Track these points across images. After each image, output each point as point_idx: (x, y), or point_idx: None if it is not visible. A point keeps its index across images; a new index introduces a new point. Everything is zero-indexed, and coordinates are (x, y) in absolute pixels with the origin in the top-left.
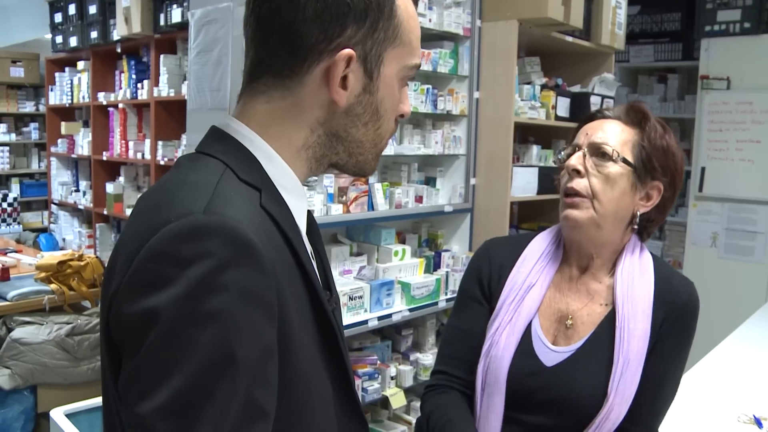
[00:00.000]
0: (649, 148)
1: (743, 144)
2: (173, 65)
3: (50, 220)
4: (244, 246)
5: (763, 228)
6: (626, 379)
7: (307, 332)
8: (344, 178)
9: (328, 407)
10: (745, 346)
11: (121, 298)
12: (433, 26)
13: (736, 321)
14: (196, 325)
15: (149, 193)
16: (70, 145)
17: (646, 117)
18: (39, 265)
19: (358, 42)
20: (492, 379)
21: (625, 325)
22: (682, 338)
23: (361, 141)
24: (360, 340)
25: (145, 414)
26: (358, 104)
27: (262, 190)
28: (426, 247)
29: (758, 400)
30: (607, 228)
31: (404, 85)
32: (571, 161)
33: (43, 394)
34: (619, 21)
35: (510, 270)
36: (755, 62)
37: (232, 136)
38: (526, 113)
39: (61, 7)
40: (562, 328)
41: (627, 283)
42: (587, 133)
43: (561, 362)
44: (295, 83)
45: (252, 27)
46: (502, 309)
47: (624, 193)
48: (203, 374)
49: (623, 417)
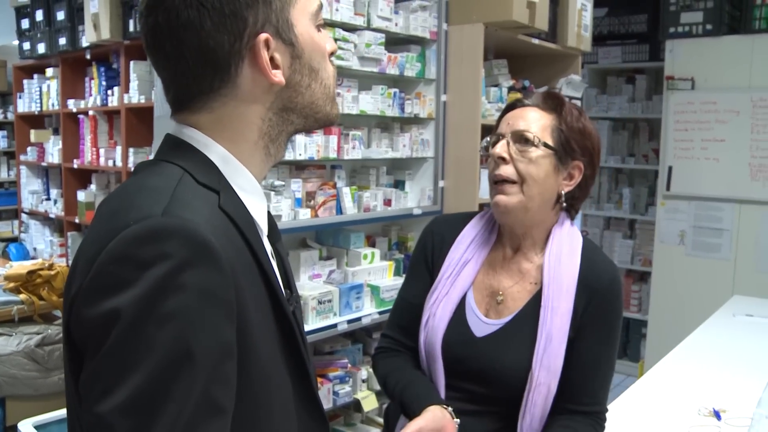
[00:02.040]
0: (567, 131)
1: (708, 143)
2: (143, 72)
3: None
4: (202, 247)
5: (728, 225)
6: (549, 353)
7: (267, 331)
8: (312, 182)
9: (289, 405)
10: (709, 340)
11: (82, 300)
12: (399, 30)
13: (703, 316)
14: (155, 325)
15: (109, 198)
16: (40, 153)
17: (561, 102)
18: (8, 276)
19: (264, 22)
20: (430, 348)
21: (549, 303)
22: (608, 319)
23: (312, 101)
24: (330, 344)
25: (104, 413)
26: (294, 73)
27: (221, 192)
28: (396, 250)
29: (719, 393)
30: (534, 210)
31: (319, 30)
32: (496, 149)
33: (12, 406)
34: (585, 23)
35: (450, 245)
36: (718, 63)
37: (187, 143)
38: (493, 115)
39: (28, 14)
40: (494, 303)
41: (554, 264)
42: (509, 122)
43: (490, 334)
44: (230, 89)
45: (163, 67)
46: (440, 284)
47: (548, 175)
48: (161, 372)
49: (560, 395)
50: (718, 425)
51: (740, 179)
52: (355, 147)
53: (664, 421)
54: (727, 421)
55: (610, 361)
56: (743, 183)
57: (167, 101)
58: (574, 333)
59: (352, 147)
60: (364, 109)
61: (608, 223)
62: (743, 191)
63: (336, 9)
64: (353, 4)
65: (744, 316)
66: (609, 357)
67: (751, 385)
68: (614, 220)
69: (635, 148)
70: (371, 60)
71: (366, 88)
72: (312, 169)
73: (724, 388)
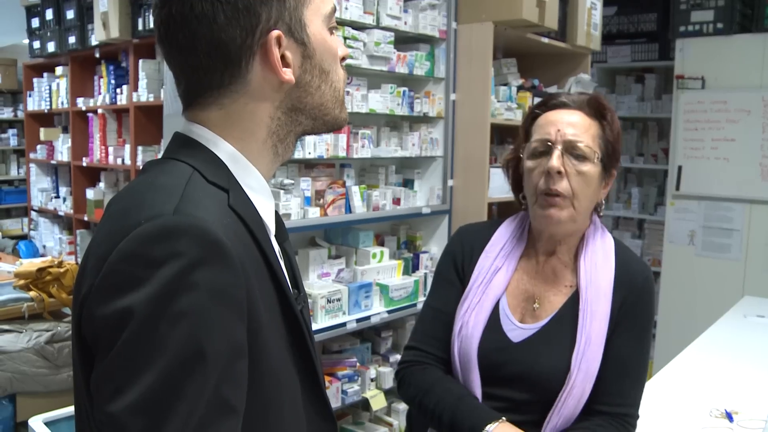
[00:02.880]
0: (612, 140)
1: (718, 143)
2: (152, 70)
3: (30, 227)
4: (213, 245)
5: (738, 225)
6: (588, 357)
7: (275, 330)
8: (321, 181)
9: (298, 404)
10: (720, 341)
11: (93, 300)
12: (408, 29)
13: (713, 317)
14: (167, 324)
15: (118, 197)
16: (50, 151)
17: (606, 109)
18: (18, 273)
19: (277, 19)
20: (465, 358)
21: (587, 307)
22: (641, 320)
23: (321, 103)
24: (339, 343)
25: (116, 412)
26: (305, 73)
27: (230, 191)
28: (405, 249)
29: (731, 394)
30: (580, 221)
31: (332, 33)
32: (553, 163)
33: (23, 402)
34: (595, 22)
35: (480, 253)
36: (728, 62)
37: (196, 141)
38: (502, 114)
39: (38, 12)
40: (530, 308)
41: (590, 268)
42: (558, 128)
43: (526, 338)
44: (240, 85)
45: (175, 60)
46: (471, 292)
47: (596, 188)
48: (173, 371)
49: (590, 396)
50: (730, 427)
51: (751, 179)
52: (364, 146)
53: (676, 422)
54: (740, 422)
55: (642, 362)
56: (754, 183)
57: (179, 95)
58: (609, 333)
59: (362, 146)
60: (374, 107)
61: (617, 222)
62: (754, 191)
63: (345, 7)
64: (363, 3)
65: (755, 317)
66: (640, 358)
67: (764, 386)
68: (623, 220)
69: (644, 147)
70: (380, 59)
71: (375, 87)
72: (321, 168)
73: (736, 390)
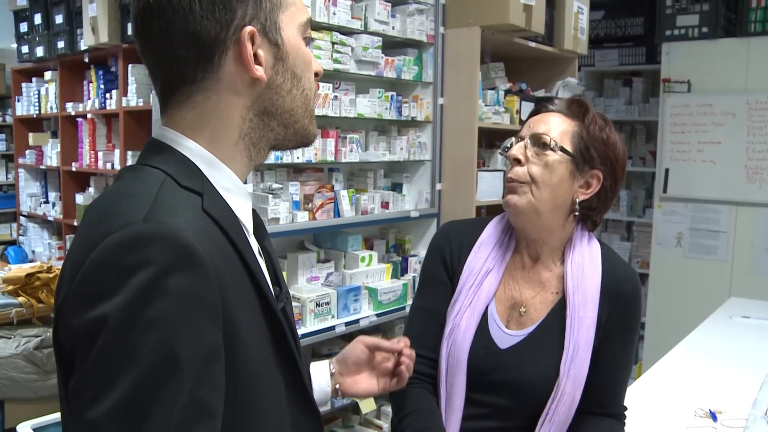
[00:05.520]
0: (588, 139)
1: (704, 145)
2: (141, 75)
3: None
4: (184, 251)
5: (725, 227)
6: (576, 364)
7: (256, 330)
8: (309, 185)
9: (280, 403)
10: (706, 342)
11: (68, 309)
12: (396, 33)
13: (700, 318)
14: (140, 331)
15: (93, 204)
16: (39, 156)
17: (586, 110)
18: (6, 278)
19: (252, 18)
20: (454, 360)
21: (575, 314)
22: (629, 326)
23: (292, 108)
24: (329, 346)
25: (93, 419)
26: (276, 74)
27: (204, 195)
28: (394, 252)
29: (715, 394)
30: (545, 214)
31: (307, 44)
32: (512, 151)
33: (11, 409)
34: (582, 26)
35: (469, 251)
36: (714, 65)
37: (169, 146)
38: (490, 118)
39: (26, 17)
40: (515, 314)
41: (577, 274)
42: (530, 125)
43: (514, 345)
44: (212, 81)
45: (150, 52)
46: (462, 293)
47: (562, 180)
48: (149, 377)
49: (581, 402)
50: (714, 426)
51: (737, 181)
52: (352, 150)
53: (661, 422)
54: (723, 422)
55: (629, 363)
56: (740, 185)
57: (156, 93)
58: (598, 341)
59: (350, 150)
60: (362, 112)
61: (606, 225)
62: (740, 193)
63: (333, 13)
64: (350, 8)
65: (741, 318)
66: (628, 360)
67: (747, 386)
68: (612, 223)
69: (632, 150)
70: (368, 63)
71: (363, 92)
72: (310, 172)
73: (721, 390)
